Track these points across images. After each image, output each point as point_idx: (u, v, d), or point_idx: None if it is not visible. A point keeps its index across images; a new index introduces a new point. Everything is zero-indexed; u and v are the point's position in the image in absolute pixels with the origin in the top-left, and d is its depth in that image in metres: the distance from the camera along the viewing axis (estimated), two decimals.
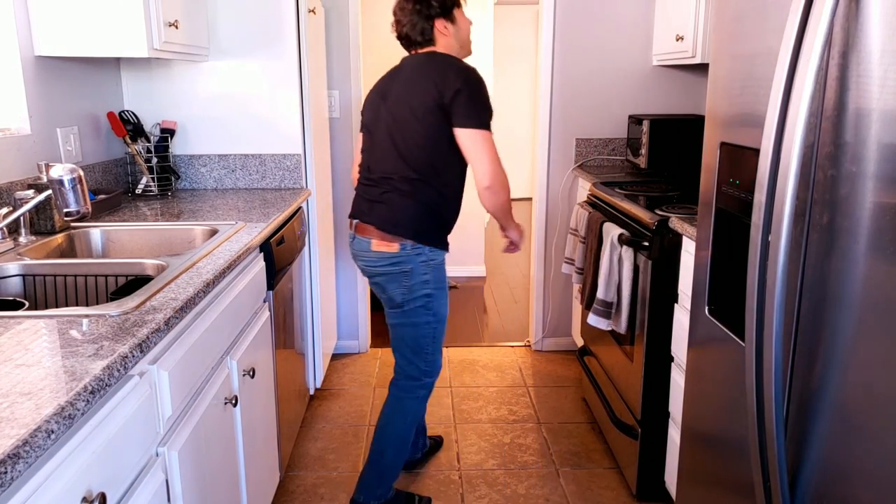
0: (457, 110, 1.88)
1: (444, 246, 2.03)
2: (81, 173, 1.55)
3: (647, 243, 2.06)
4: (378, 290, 2.07)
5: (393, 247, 1.96)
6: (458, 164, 1.98)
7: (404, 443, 2.13)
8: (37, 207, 1.84)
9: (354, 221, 2.06)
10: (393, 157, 1.96)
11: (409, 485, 2.35)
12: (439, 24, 1.99)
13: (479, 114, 1.89)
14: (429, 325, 2.05)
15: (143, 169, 2.56)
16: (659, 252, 2.03)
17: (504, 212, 2.02)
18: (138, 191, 2.59)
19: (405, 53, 2.07)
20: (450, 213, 2.03)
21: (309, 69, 2.71)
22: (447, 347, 3.57)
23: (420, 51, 2.03)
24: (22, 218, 1.78)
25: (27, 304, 1.52)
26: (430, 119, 1.90)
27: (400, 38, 2.04)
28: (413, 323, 2.04)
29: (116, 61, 2.64)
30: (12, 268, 1.59)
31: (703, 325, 1.54)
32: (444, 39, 2.01)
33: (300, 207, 2.61)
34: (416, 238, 1.95)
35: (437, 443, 2.59)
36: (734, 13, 1.39)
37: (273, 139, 2.75)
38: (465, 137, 1.89)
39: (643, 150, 2.89)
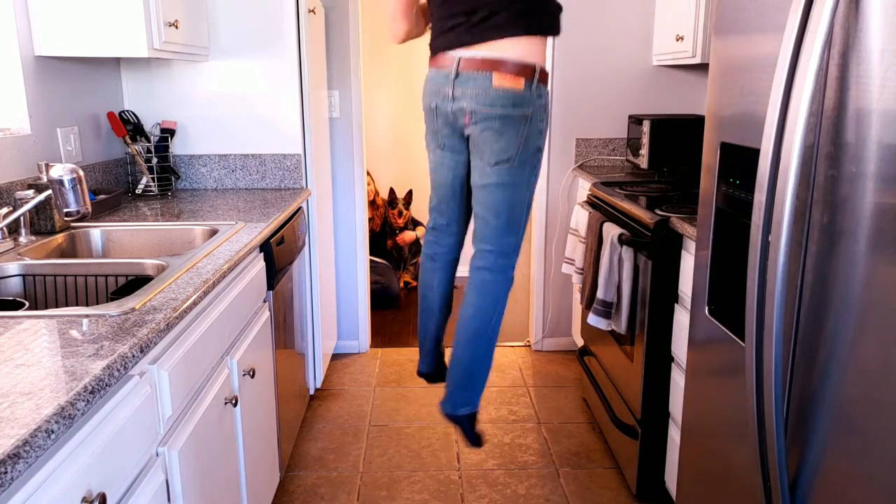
0: None
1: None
2: (81, 173, 1.55)
3: (647, 243, 2.06)
4: (479, 143, 1.75)
5: (519, 82, 1.68)
6: None
7: (493, 338, 1.86)
8: (37, 207, 1.84)
9: (457, 55, 1.71)
10: None
11: (408, 484, 2.35)
12: None
13: None
14: (530, 188, 1.79)
15: (143, 169, 2.56)
16: (659, 252, 2.03)
17: None
18: (138, 191, 2.59)
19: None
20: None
21: (309, 69, 2.71)
22: (447, 347, 3.57)
23: None
24: (22, 218, 1.78)
25: (27, 304, 1.52)
26: None
27: None
28: (516, 183, 1.77)
29: (116, 61, 2.64)
30: (12, 268, 1.59)
31: (703, 325, 1.54)
32: None
33: (300, 207, 2.61)
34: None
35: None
36: (734, 13, 1.39)
37: (273, 139, 2.75)
38: None
39: (643, 150, 2.89)
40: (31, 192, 1.78)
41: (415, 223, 4.68)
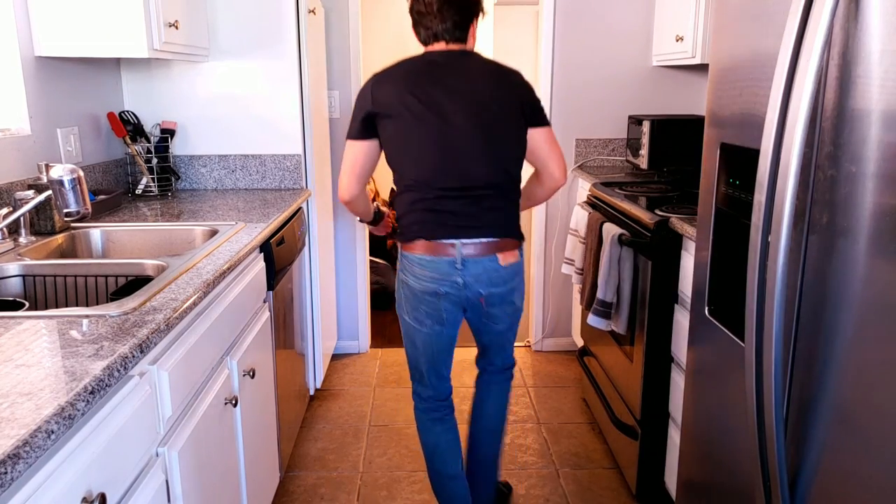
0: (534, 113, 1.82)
1: None
2: (81, 174, 1.55)
3: (647, 243, 2.06)
4: (497, 313, 1.89)
5: (517, 254, 1.84)
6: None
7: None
8: (37, 208, 1.84)
9: (458, 242, 1.76)
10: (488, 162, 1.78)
11: (420, 488, 2.35)
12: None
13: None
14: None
15: (143, 169, 2.56)
16: (659, 252, 2.03)
17: None
18: (138, 191, 2.59)
19: (403, 54, 1.94)
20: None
21: (309, 69, 2.71)
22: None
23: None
24: (22, 218, 1.78)
25: (27, 304, 1.52)
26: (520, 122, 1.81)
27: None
28: (521, 310, 1.98)
29: (116, 61, 2.64)
30: (12, 268, 1.59)
31: (703, 326, 1.54)
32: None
33: (300, 208, 2.61)
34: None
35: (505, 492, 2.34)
36: (734, 13, 1.39)
37: (273, 139, 2.75)
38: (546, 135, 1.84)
39: (643, 151, 2.89)
40: (31, 193, 1.78)
41: None
